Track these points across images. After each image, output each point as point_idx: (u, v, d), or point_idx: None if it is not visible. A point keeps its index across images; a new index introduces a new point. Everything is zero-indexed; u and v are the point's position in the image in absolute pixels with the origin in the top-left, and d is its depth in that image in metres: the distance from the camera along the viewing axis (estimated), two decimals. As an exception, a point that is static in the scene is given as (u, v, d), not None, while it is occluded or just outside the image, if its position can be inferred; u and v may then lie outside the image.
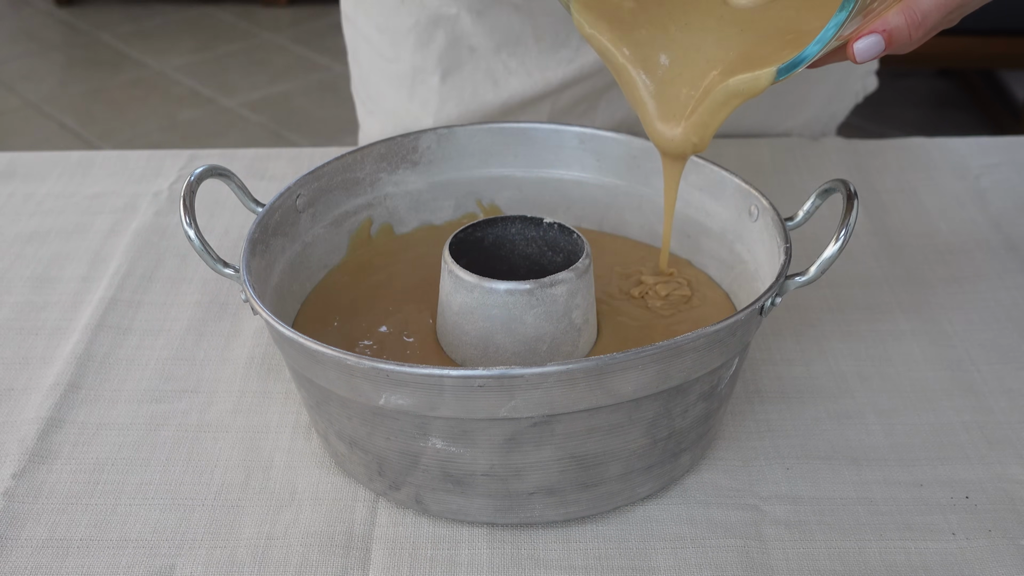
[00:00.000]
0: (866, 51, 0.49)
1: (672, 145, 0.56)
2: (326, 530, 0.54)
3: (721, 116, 0.54)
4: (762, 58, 0.52)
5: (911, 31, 0.49)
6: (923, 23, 0.49)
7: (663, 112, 0.56)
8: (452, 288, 0.56)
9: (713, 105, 0.54)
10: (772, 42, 0.53)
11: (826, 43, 0.46)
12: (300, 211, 0.62)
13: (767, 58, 0.51)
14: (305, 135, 2.48)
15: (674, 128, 0.56)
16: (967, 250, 0.75)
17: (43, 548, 0.53)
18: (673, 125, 0.56)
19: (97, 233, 0.78)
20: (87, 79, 2.77)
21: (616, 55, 0.56)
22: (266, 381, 0.64)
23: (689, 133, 0.55)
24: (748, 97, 0.52)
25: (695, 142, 0.56)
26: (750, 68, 0.52)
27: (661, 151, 0.57)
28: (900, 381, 0.63)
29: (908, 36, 0.49)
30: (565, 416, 0.48)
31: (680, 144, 0.56)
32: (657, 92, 0.56)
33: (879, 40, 0.49)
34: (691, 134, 0.55)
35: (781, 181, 0.83)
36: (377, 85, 0.89)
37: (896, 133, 2.26)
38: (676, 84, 0.56)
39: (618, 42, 0.56)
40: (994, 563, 0.52)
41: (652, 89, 0.56)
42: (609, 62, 0.57)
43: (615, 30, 0.56)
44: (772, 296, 0.52)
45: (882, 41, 0.49)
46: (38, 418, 0.60)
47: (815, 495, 0.56)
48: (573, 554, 0.53)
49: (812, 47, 0.47)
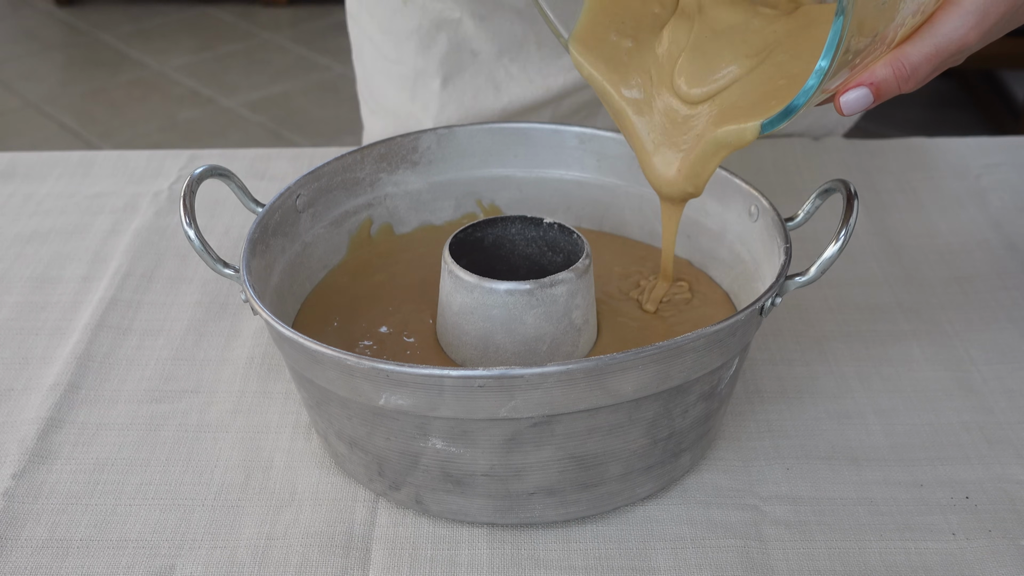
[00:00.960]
0: (853, 104, 0.48)
1: (669, 188, 0.56)
2: (326, 530, 0.54)
3: (712, 165, 0.54)
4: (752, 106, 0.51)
5: (899, 84, 0.47)
6: (912, 76, 0.47)
7: (660, 156, 0.56)
8: (452, 288, 0.56)
9: (704, 155, 0.53)
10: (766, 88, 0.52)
11: (808, 98, 0.46)
12: (300, 211, 0.62)
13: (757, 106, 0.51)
14: (305, 135, 2.48)
15: (670, 172, 0.55)
16: (967, 250, 0.75)
17: (43, 548, 0.53)
18: (669, 169, 0.55)
19: (97, 233, 0.78)
20: (87, 79, 2.77)
21: (615, 97, 0.56)
22: (266, 381, 0.64)
23: (683, 179, 0.55)
24: (736, 148, 0.52)
25: (690, 190, 0.55)
26: (740, 118, 0.51)
27: (660, 194, 0.57)
28: (900, 381, 0.63)
29: (897, 88, 0.48)
30: (565, 416, 0.48)
31: (677, 188, 0.55)
32: (655, 136, 0.56)
33: (867, 93, 0.47)
34: (686, 182, 0.55)
35: (782, 181, 0.83)
36: (380, 86, 0.89)
37: (896, 133, 2.26)
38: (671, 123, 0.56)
39: (617, 84, 0.56)
40: (994, 563, 0.52)
41: (650, 133, 0.56)
42: (608, 104, 0.57)
43: (614, 72, 0.56)
44: (772, 296, 0.52)
45: (870, 94, 0.47)
46: (38, 418, 0.60)
47: (815, 495, 0.56)
48: (573, 554, 0.53)
49: (796, 101, 0.46)
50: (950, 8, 0.47)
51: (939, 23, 0.47)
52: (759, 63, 0.53)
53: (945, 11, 0.47)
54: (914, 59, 0.47)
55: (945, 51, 0.47)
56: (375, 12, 0.86)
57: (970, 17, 0.47)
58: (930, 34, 0.47)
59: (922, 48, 0.47)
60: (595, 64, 0.56)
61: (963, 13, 0.47)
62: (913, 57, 0.47)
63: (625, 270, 0.65)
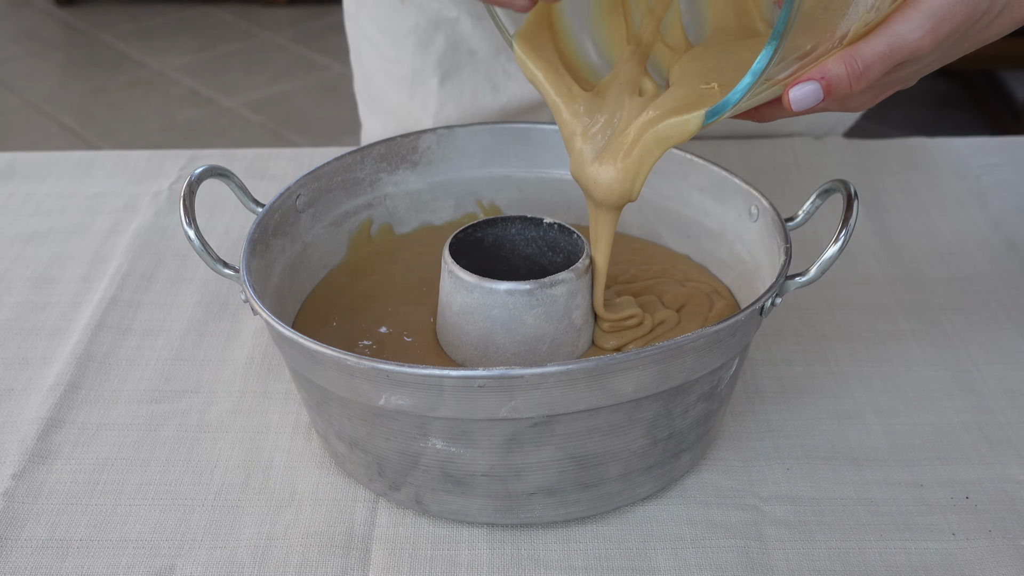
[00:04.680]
0: (802, 100, 0.46)
1: (602, 191, 0.54)
2: (326, 530, 0.54)
3: (649, 163, 0.52)
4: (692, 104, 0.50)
5: (852, 81, 0.46)
6: (864, 74, 0.46)
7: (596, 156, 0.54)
8: (452, 288, 0.56)
9: (643, 153, 0.52)
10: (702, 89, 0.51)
11: (751, 86, 0.44)
12: (300, 211, 0.62)
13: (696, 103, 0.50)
14: (305, 135, 2.48)
15: (606, 172, 0.54)
16: (967, 250, 0.75)
17: (43, 548, 0.53)
18: (604, 170, 0.54)
19: (97, 233, 0.78)
20: (87, 79, 2.77)
21: (551, 93, 0.55)
22: (266, 381, 0.64)
23: (620, 180, 0.53)
24: (676, 143, 0.51)
25: (627, 192, 0.53)
26: (681, 112, 0.50)
27: (593, 199, 0.55)
28: (900, 381, 0.63)
29: (849, 87, 0.46)
30: (565, 416, 0.48)
31: (613, 191, 0.54)
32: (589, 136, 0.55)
33: (816, 88, 0.46)
34: (622, 181, 0.53)
35: (782, 181, 0.83)
36: (379, 85, 0.89)
37: (896, 133, 2.26)
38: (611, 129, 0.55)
39: (557, 83, 0.55)
40: (994, 563, 0.52)
41: (585, 132, 0.55)
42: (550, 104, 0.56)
43: (555, 70, 0.55)
44: (772, 296, 0.52)
45: (820, 90, 0.46)
46: (38, 418, 0.60)
47: (815, 495, 0.56)
48: (573, 554, 0.53)
49: (735, 92, 0.45)
50: (907, 10, 0.46)
51: (895, 23, 0.46)
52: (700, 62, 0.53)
53: (902, 12, 0.46)
54: (867, 56, 0.46)
55: (899, 51, 0.46)
56: (373, 12, 0.86)
57: (927, 20, 0.46)
58: (884, 33, 0.46)
59: (875, 46, 0.46)
60: (538, 63, 0.55)
61: (920, 15, 0.46)
62: (866, 54, 0.46)
63: (627, 271, 0.65)
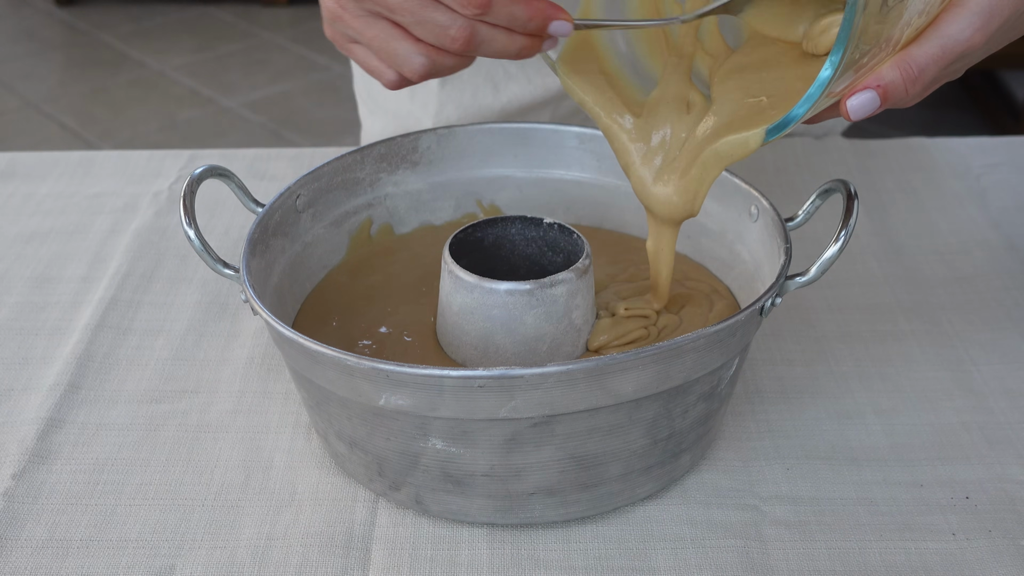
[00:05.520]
0: (860, 108, 0.47)
1: (665, 210, 0.55)
2: (326, 530, 0.54)
3: (709, 180, 0.53)
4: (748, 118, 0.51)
5: (907, 86, 0.47)
6: (920, 77, 0.47)
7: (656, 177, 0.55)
8: (452, 288, 0.56)
9: (703, 170, 0.53)
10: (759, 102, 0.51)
11: (814, 101, 0.45)
12: (300, 211, 0.62)
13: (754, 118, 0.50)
14: (305, 135, 2.48)
15: (668, 192, 0.55)
16: (967, 250, 0.75)
17: (43, 548, 0.53)
18: (666, 190, 0.55)
19: (97, 233, 0.78)
20: (87, 79, 2.77)
21: (603, 117, 0.56)
22: (266, 381, 0.64)
23: (682, 198, 0.54)
24: (737, 160, 0.51)
25: (687, 207, 0.55)
26: (739, 129, 0.50)
27: (655, 217, 0.56)
28: (900, 381, 0.63)
29: (904, 91, 0.47)
30: (565, 416, 0.48)
31: (676, 209, 0.55)
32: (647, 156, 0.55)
33: (874, 96, 0.47)
34: (684, 200, 0.54)
35: (782, 181, 0.83)
36: (378, 85, 0.89)
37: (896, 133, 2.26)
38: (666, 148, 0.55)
39: (607, 105, 0.56)
40: (994, 563, 0.52)
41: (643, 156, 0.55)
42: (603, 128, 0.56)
43: (603, 93, 0.56)
44: (772, 296, 0.52)
45: (877, 98, 0.47)
46: (38, 418, 0.60)
47: (815, 495, 0.56)
48: (573, 554, 0.53)
49: (800, 107, 0.46)
50: (956, 9, 0.47)
51: (945, 24, 0.47)
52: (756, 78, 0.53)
53: (951, 12, 0.47)
54: (921, 60, 0.47)
55: (951, 52, 0.47)
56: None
57: (976, 18, 0.47)
58: (936, 35, 0.47)
59: (928, 49, 0.47)
60: (585, 88, 0.56)
61: (969, 14, 0.47)
62: (920, 58, 0.47)
63: (625, 270, 0.65)
